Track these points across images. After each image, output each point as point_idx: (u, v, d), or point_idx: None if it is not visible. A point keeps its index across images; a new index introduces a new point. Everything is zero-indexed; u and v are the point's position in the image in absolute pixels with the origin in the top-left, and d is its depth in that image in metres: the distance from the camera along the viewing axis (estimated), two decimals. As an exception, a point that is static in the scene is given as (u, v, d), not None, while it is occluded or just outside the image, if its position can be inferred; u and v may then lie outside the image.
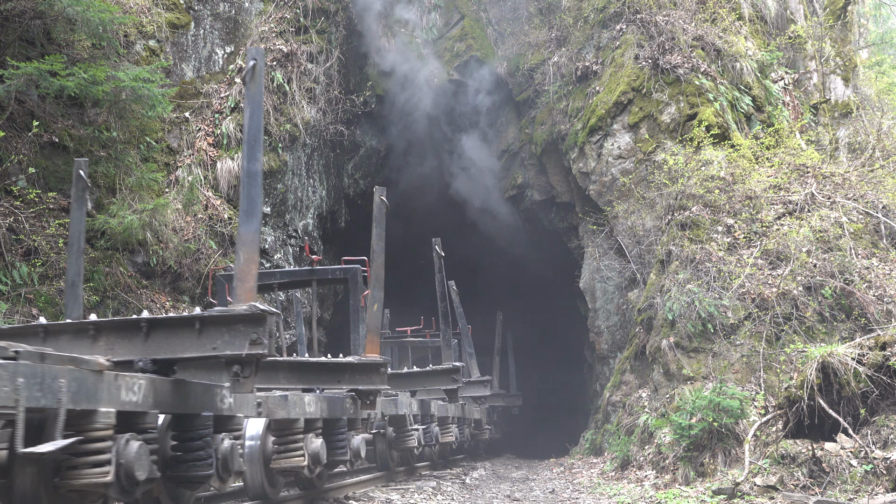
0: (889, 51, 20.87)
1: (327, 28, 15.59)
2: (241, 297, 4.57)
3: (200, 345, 4.46)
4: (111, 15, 10.71)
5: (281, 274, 9.49)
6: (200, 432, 4.81)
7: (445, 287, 11.47)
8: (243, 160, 4.96)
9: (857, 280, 9.94)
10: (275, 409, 6.23)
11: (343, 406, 7.33)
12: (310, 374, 6.98)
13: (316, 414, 6.81)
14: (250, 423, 6.66)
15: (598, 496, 8.92)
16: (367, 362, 7.10)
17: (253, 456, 6.66)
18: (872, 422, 7.14)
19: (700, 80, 13.82)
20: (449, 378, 10.84)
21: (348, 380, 7.07)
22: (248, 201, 4.87)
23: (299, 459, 6.58)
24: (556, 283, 19.53)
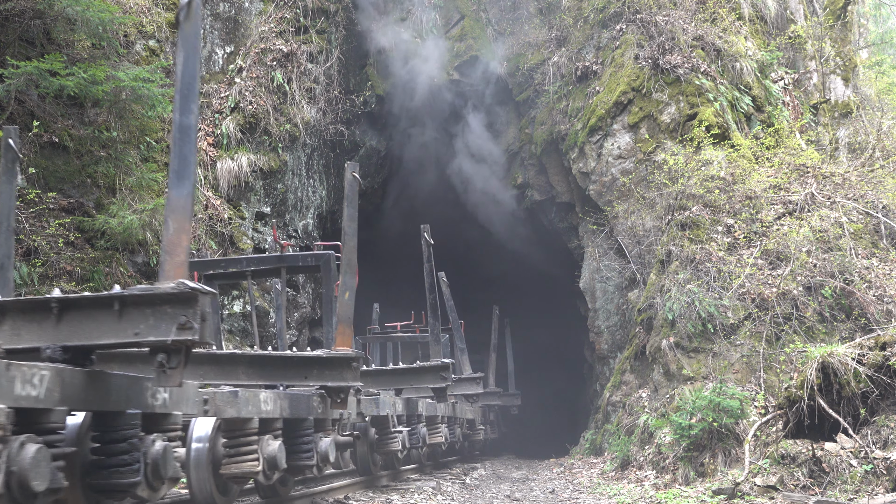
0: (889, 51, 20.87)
1: (327, 28, 15.58)
2: (168, 274, 3.86)
3: (120, 329, 3.81)
4: (111, 15, 10.71)
5: (247, 261, 8.64)
6: (125, 433, 4.16)
7: (434, 278, 10.65)
8: (175, 112, 4.14)
9: (857, 280, 9.95)
10: (223, 406, 5.43)
11: (309, 404, 6.60)
12: (272, 370, 6.29)
13: (274, 413, 6.03)
14: (198, 423, 6.01)
15: (598, 496, 8.92)
16: (336, 356, 6.39)
17: (200, 460, 5.92)
18: (872, 422, 7.14)
19: (700, 80, 13.82)
20: (437, 376, 9.99)
21: (316, 375, 6.38)
22: (180, 160, 4.09)
23: (252, 464, 5.83)
24: (556, 283, 19.53)
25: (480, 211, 18.08)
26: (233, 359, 6.24)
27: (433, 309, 10.60)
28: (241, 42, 14.47)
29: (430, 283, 10.65)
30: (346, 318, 6.67)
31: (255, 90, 13.82)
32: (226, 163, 13.03)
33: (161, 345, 3.78)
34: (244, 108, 13.56)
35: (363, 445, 9.27)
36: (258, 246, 13.57)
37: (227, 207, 12.90)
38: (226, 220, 12.70)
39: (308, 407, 6.58)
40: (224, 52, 14.30)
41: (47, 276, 9.54)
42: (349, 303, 6.66)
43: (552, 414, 22.36)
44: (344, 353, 6.42)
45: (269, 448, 5.97)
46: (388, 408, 9.12)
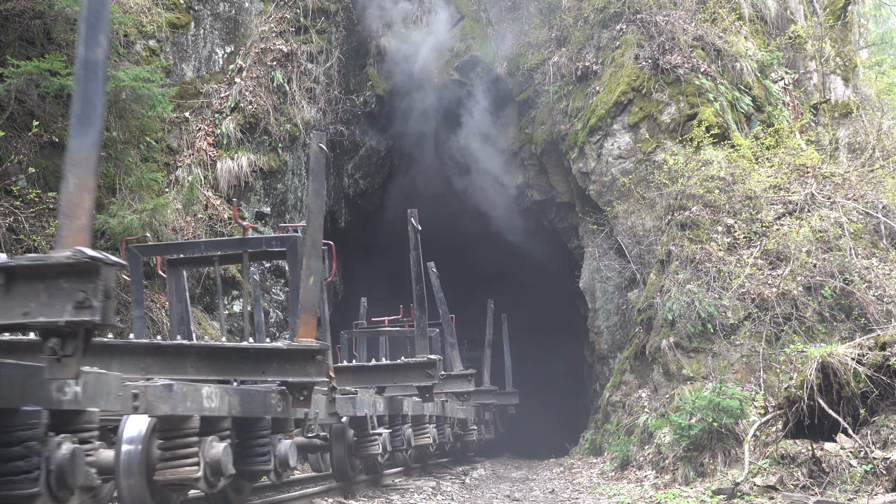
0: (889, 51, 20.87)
1: (327, 28, 15.59)
2: (66, 240, 3.14)
3: (7, 309, 3.11)
4: (111, 15, 10.71)
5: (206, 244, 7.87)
6: (20, 434, 3.48)
7: (421, 267, 9.79)
8: (79, 45, 3.44)
9: (857, 280, 9.95)
10: (156, 402, 4.64)
11: (266, 402, 5.89)
12: (226, 363, 5.60)
13: (220, 410, 5.28)
14: (130, 423, 5.25)
15: (597, 496, 8.92)
16: (298, 349, 5.65)
17: (131, 465, 5.15)
18: (872, 422, 7.14)
19: (700, 80, 13.82)
20: (423, 373, 9.05)
21: (276, 370, 5.65)
22: (84, 103, 3.45)
23: (191, 470, 5.04)
24: (556, 282, 19.53)
25: (480, 210, 18.09)
26: (180, 351, 5.55)
27: (419, 301, 9.67)
28: (241, 42, 14.47)
29: (416, 272, 9.70)
30: (311, 307, 5.92)
31: (255, 90, 13.83)
32: (226, 163, 13.03)
33: (53, 327, 3.05)
34: (244, 108, 13.56)
35: (340, 448, 8.51)
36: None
37: (228, 207, 12.91)
38: (225, 220, 12.70)
39: (265, 405, 5.90)
40: (224, 52, 14.30)
41: (47, 275, 9.53)
42: (314, 289, 5.91)
43: (552, 414, 22.35)
44: (307, 345, 5.68)
45: (212, 451, 5.21)
46: (367, 407, 8.46)
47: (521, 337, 22.10)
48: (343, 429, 8.49)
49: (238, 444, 5.82)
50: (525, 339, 22.37)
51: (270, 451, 5.99)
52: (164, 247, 8.44)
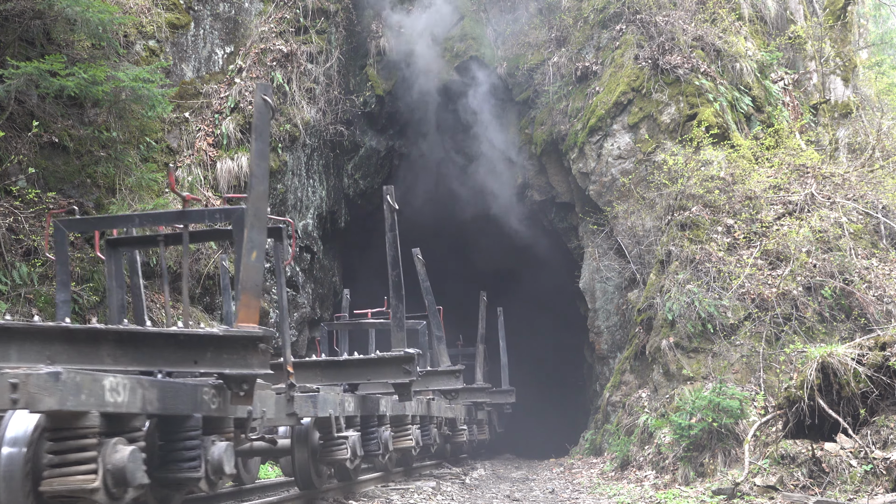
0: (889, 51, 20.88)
1: (327, 28, 15.59)
2: None
3: None
4: (111, 15, 10.71)
5: (140, 218, 6.97)
6: None
7: (397, 251, 8.77)
8: None
9: (857, 280, 9.95)
10: (39, 395, 3.81)
11: (195, 398, 5.01)
12: (150, 352, 4.78)
13: (131, 406, 4.38)
14: (14, 420, 4.48)
15: (597, 496, 8.92)
16: (238, 335, 4.85)
17: (13, 472, 4.33)
18: (872, 422, 7.14)
19: (700, 80, 13.83)
20: (399, 368, 8.01)
21: (211, 360, 4.84)
22: None
23: (85, 479, 4.09)
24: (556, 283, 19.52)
25: (480, 210, 18.09)
26: (93, 336, 4.64)
27: (396, 288, 8.68)
28: (241, 42, 14.48)
29: (392, 256, 8.73)
30: (253, 286, 5.07)
31: (255, 90, 13.83)
32: (225, 163, 13.03)
33: None
34: (244, 109, 13.56)
35: (302, 453, 7.64)
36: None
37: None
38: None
39: (194, 401, 4.99)
40: (224, 52, 14.31)
41: (47, 275, 9.54)
42: (257, 265, 5.11)
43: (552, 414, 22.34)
44: (248, 332, 4.87)
45: (115, 456, 4.23)
46: (332, 407, 7.53)
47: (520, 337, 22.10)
48: (307, 431, 7.62)
49: (162, 447, 5.04)
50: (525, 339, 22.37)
51: (201, 455, 5.07)
52: (93, 220, 7.68)
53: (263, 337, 4.94)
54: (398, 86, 16.95)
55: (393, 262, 8.83)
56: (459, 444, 14.04)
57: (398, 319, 8.67)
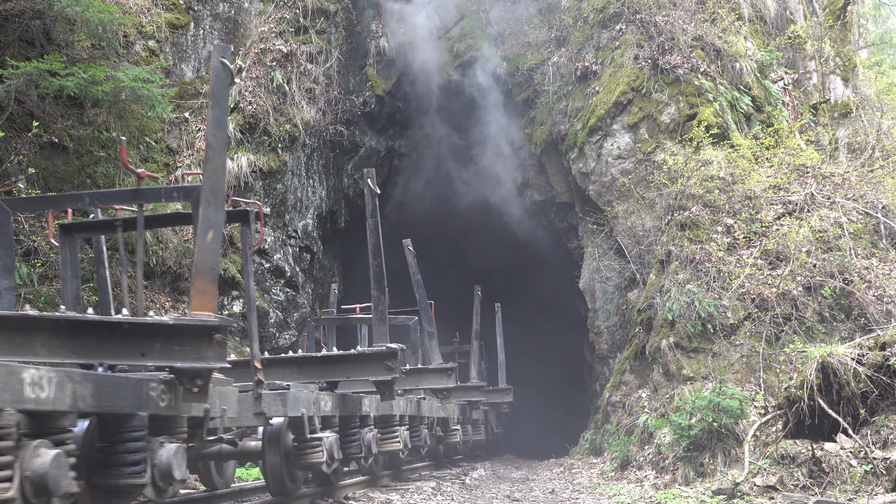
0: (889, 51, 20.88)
1: (327, 28, 15.59)
2: None
3: None
4: (110, 15, 10.72)
5: (91, 197, 6.29)
6: None
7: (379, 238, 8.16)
8: None
9: (857, 280, 9.95)
10: None
11: (140, 394, 4.47)
12: (92, 342, 4.23)
13: (59, 404, 3.84)
14: None
15: (597, 496, 8.92)
16: (191, 324, 4.38)
17: None
18: (872, 422, 7.14)
19: (700, 80, 13.83)
20: (381, 365, 7.44)
21: (160, 352, 4.35)
22: None
23: None
24: (555, 282, 19.53)
25: (479, 211, 18.09)
26: (25, 325, 4.10)
27: (377, 279, 7.96)
28: (241, 42, 14.48)
29: (373, 244, 8.14)
30: (208, 270, 4.57)
31: (254, 90, 13.83)
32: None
33: None
34: (244, 109, 13.57)
35: (274, 456, 7.10)
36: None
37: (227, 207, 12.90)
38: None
39: (138, 397, 4.45)
40: (224, 52, 14.30)
41: (47, 276, 9.54)
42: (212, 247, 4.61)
43: (552, 414, 22.35)
44: (202, 321, 4.40)
45: (37, 461, 3.66)
46: (305, 406, 6.90)
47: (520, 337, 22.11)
48: (279, 433, 7.12)
49: (101, 449, 4.48)
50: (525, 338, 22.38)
51: (147, 459, 4.49)
52: (39, 200, 7.20)
53: (219, 327, 4.43)
54: (398, 86, 16.95)
55: (374, 250, 8.24)
56: (453, 444, 13.45)
57: (380, 312, 8.01)
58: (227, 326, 4.55)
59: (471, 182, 17.73)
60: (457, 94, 17.38)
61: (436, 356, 11.56)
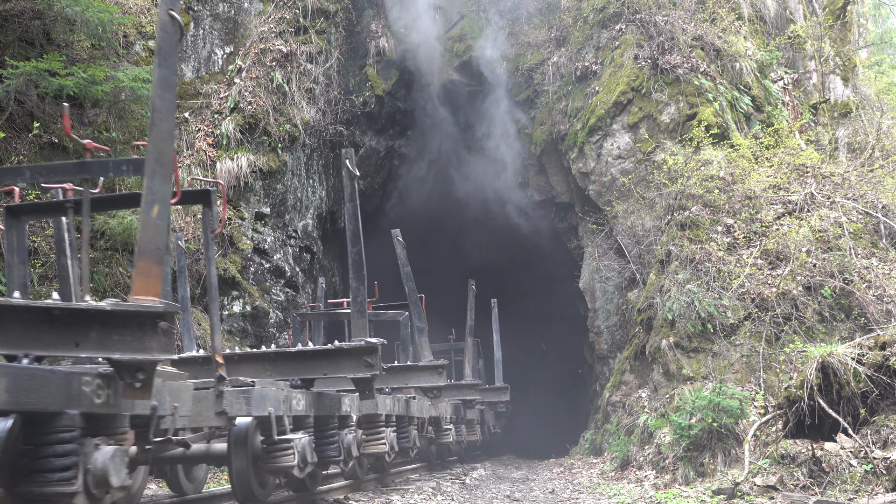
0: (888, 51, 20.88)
1: (327, 29, 15.59)
2: None
3: None
4: (110, 15, 10.72)
5: (32, 171, 5.79)
6: None
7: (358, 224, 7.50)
8: None
9: (857, 280, 9.95)
10: None
11: (68, 389, 3.91)
12: (18, 330, 3.71)
13: None
14: None
15: (597, 496, 8.92)
16: (130, 311, 3.84)
17: None
18: (872, 422, 7.14)
19: (699, 80, 13.83)
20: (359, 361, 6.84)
21: (96, 342, 3.83)
22: None
23: None
24: (555, 282, 19.53)
25: (479, 211, 18.09)
26: None
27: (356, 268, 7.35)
28: (241, 42, 14.48)
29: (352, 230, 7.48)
30: (153, 250, 4.02)
31: (254, 90, 13.83)
32: (225, 163, 13.03)
33: None
34: (244, 109, 13.57)
35: (241, 459, 6.54)
36: (258, 246, 13.58)
37: (227, 208, 12.91)
38: (225, 221, 12.70)
39: (67, 393, 3.90)
40: (223, 52, 14.30)
41: (46, 276, 9.54)
42: (158, 224, 4.08)
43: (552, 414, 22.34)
44: (145, 307, 3.88)
45: None
46: (273, 404, 6.24)
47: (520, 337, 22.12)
48: (246, 434, 6.56)
49: (25, 452, 3.95)
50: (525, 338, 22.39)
51: (79, 463, 3.93)
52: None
53: (165, 313, 3.90)
54: (398, 86, 16.96)
55: (353, 237, 7.55)
56: (446, 445, 12.87)
57: (360, 304, 7.35)
58: (175, 313, 4.05)
59: (470, 182, 17.74)
60: (457, 94, 17.38)
61: (426, 353, 10.87)
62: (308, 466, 6.70)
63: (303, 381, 7.08)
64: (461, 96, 17.43)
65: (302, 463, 6.56)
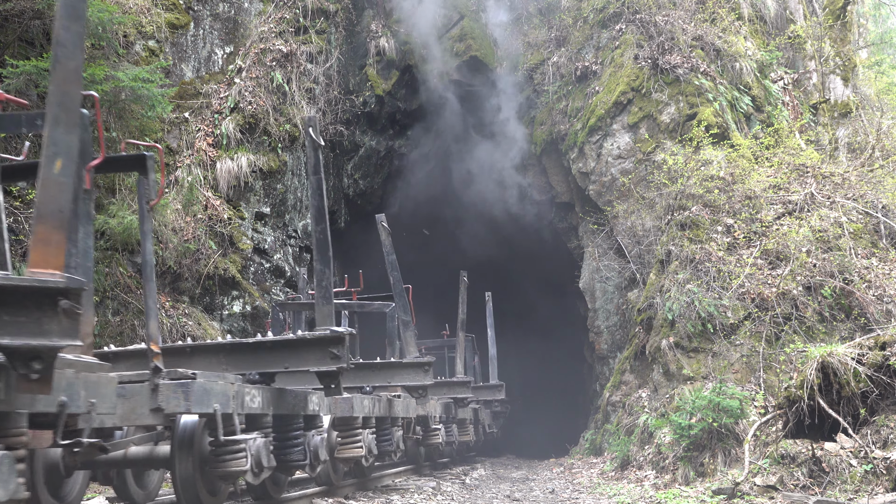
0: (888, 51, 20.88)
1: (327, 28, 15.60)
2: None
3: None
4: (110, 15, 10.71)
5: None
6: None
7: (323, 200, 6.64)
8: None
9: (857, 280, 9.95)
10: None
11: None
12: None
13: None
14: None
15: (597, 496, 8.92)
16: (24, 286, 3.14)
17: None
18: (872, 422, 7.14)
19: (699, 80, 13.83)
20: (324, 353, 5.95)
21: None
22: None
23: None
24: (555, 282, 19.53)
25: (479, 210, 18.09)
26: None
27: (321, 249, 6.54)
28: (241, 42, 14.48)
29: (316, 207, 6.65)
30: (55, 213, 3.30)
31: (254, 90, 13.83)
32: (225, 163, 13.03)
33: None
34: (244, 109, 13.57)
35: (186, 464, 5.75)
36: (258, 246, 13.58)
37: (227, 207, 12.91)
38: (225, 221, 12.70)
39: None
40: (223, 52, 14.30)
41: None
42: (61, 181, 3.32)
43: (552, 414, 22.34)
44: (42, 281, 3.17)
45: None
46: (219, 400, 5.44)
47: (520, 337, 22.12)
48: (192, 434, 5.77)
49: None
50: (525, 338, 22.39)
51: None
52: None
53: (68, 290, 3.20)
54: (398, 86, 16.96)
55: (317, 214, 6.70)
56: (435, 446, 12.12)
57: (324, 289, 6.42)
58: (80, 290, 3.29)
59: (470, 181, 17.73)
60: (457, 94, 17.38)
61: (412, 349, 10.01)
62: (265, 471, 5.90)
63: (261, 375, 6.17)
64: (461, 96, 17.43)
65: (256, 467, 5.75)
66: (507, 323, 21.30)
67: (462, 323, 13.60)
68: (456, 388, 12.39)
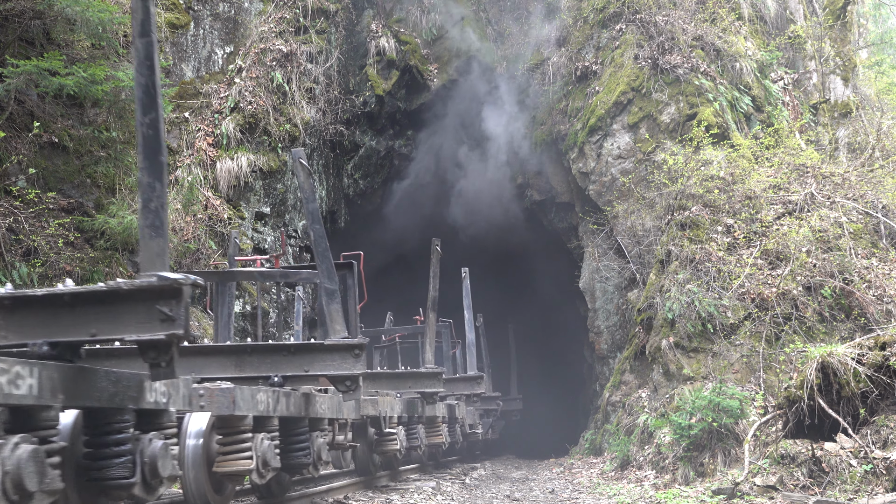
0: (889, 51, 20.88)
1: (327, 28, 15.59)
2: None
3: None
4: (110, 14, 10.70)
5: None
6: None
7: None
8: None
9: (857, 280, 9.95)
10: None
11: None
12: None
13: None
14: None
15: (597, 496, 8.92)
16: None
17: None
18: (872, 422, 7.14)
19: (700, 80, 13.83)
20: (149, 311, 3.64)
21: None
22: None
23: None
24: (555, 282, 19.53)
25: (479, 210, 18.09)
26: None
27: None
28: (241, 42, 14.47)
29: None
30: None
31: (254, 90, 13.83)
32: (225, 163, 13.03)
33: None
34: (244, 109, 13.56)
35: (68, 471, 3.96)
36: (258, 246, 13.58)
37: (227, 207, 12.90)
38: (225, 220, 12.70)
39: None
40: (224, 52, 14.30)
41: (47, 276, 9.53)
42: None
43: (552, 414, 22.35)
44: None
45: None
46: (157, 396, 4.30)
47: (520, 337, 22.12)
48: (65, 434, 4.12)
49: None
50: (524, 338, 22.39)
51: None
52: None
53: None
54: (398, 86, 16.96)
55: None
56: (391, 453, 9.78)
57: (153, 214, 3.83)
58: None
59: (470, 181, 17.73)
60: (457, 94, 17.38)
61: (338, 327, 7.14)
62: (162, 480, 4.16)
63: (51, 346, 3.76)
64: (461, 96, 17.43)
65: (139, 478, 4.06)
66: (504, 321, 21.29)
67: (433, 301, 11.40)
68: (423, 380, 9.88)
